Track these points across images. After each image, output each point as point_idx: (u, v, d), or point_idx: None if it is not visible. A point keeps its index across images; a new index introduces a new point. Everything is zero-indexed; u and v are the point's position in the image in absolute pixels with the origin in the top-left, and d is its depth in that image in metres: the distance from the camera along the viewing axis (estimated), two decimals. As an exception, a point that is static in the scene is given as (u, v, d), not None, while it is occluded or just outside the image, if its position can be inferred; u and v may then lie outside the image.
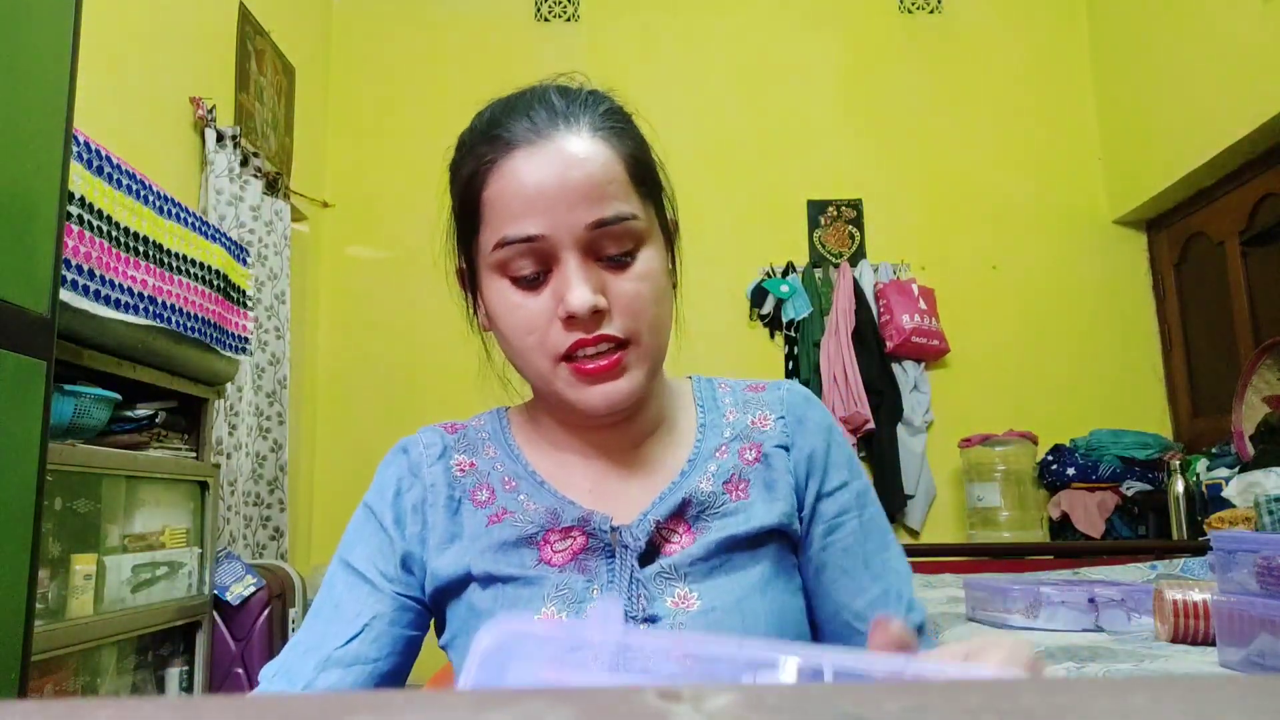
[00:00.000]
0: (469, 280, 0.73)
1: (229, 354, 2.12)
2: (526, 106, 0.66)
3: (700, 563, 0.66)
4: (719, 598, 0.65)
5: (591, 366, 0.64)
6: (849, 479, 0.72)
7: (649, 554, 0.67)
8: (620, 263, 0.65)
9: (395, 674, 0.69)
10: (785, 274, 3.38)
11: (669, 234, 0.72)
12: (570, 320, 0.63)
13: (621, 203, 0.65)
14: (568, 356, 0.65)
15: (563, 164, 0.63)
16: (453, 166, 0.71)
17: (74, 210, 1.54)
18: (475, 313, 0.74)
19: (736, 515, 0.68)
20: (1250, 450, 2.32)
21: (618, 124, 0.68)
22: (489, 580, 0.67)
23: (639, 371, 0.67)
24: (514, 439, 0.76)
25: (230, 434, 2.54)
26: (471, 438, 0.76)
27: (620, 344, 0.65)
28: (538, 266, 0.64)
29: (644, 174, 0.69)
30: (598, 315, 0.64)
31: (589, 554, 0.67)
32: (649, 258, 0.67)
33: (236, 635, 2.15)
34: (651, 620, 0.64)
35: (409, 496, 0.72)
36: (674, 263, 0.73)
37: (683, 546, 0.67)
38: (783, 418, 0.74)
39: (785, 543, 0.69)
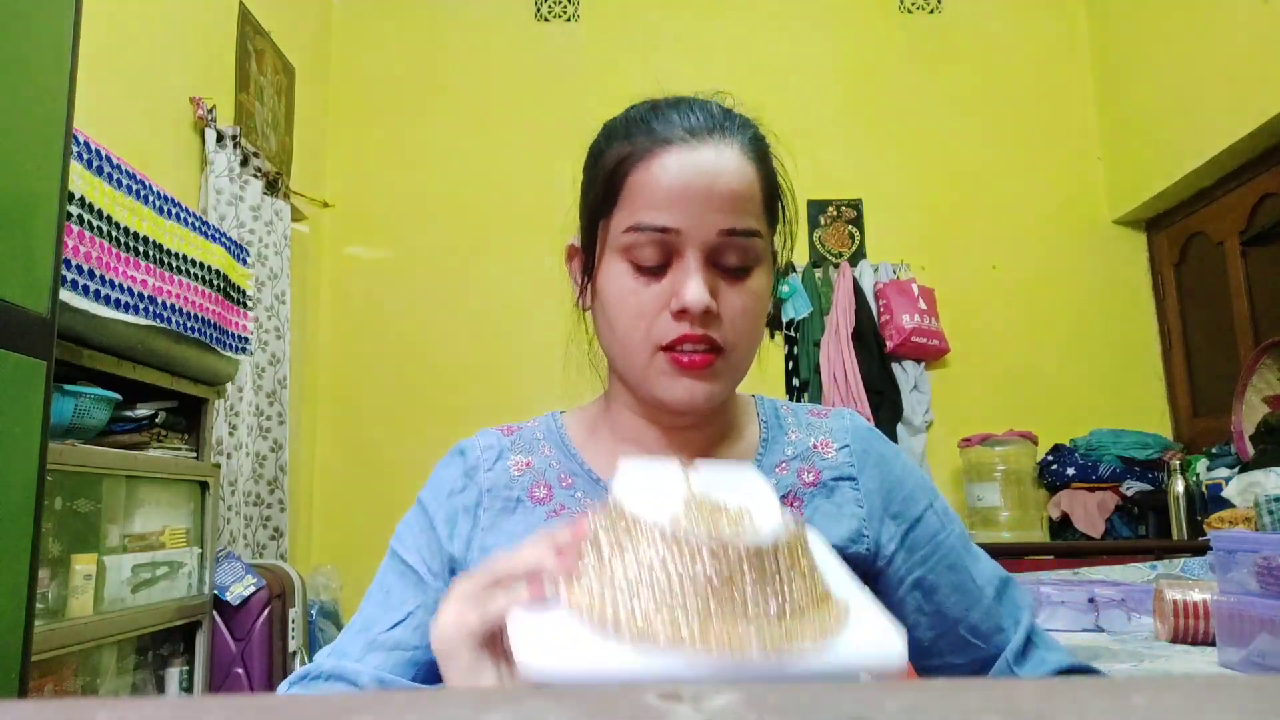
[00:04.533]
0: (584, 258, 0.75)
1: (229, 354, 2.12)
2: (687, 108, 0.71)
3: None
4: None
5: (687, 360, 0.67)
6: (931, 499, 0.75)
7: None
8: (736, 275, 0.68)
9: (435, 664, 0.70)
10: (785, 274, 3.38)
11: (776, 258, 0.76)
12: (681, 314, 0.66)
13: (753, 220, 0.69)
14: (669, 347, 0.67)
15: (712, 169, 0.67)
16: (595, 148, 0.74)
17: (74, 210, 1.54)
18: (581, 292, 0.76)
19: None
20: (1250, 450, 2.32)
21: (763, 150, 0.73)
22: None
23: (724, 381, 0.70)
24: (570, 440, 0.77)
25: (230, 434, 2.54)
26: (527, 438, 0.78)
27: (717, 349, 0.68)
28: (661, 258, 0.68)
29: (773, 204, 0.73)
30: (707, 316, 0.66)
31: None
32: (761, 278, 0.70)
33: (236, 635, 2.15)
34: None
35: (462, 498, 0.74)
36: (774, 283, 0.76)
37: None
38: (846, 447, 0.76)
39: None
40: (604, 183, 0.71)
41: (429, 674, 0.70)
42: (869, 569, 0.72)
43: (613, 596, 0.47)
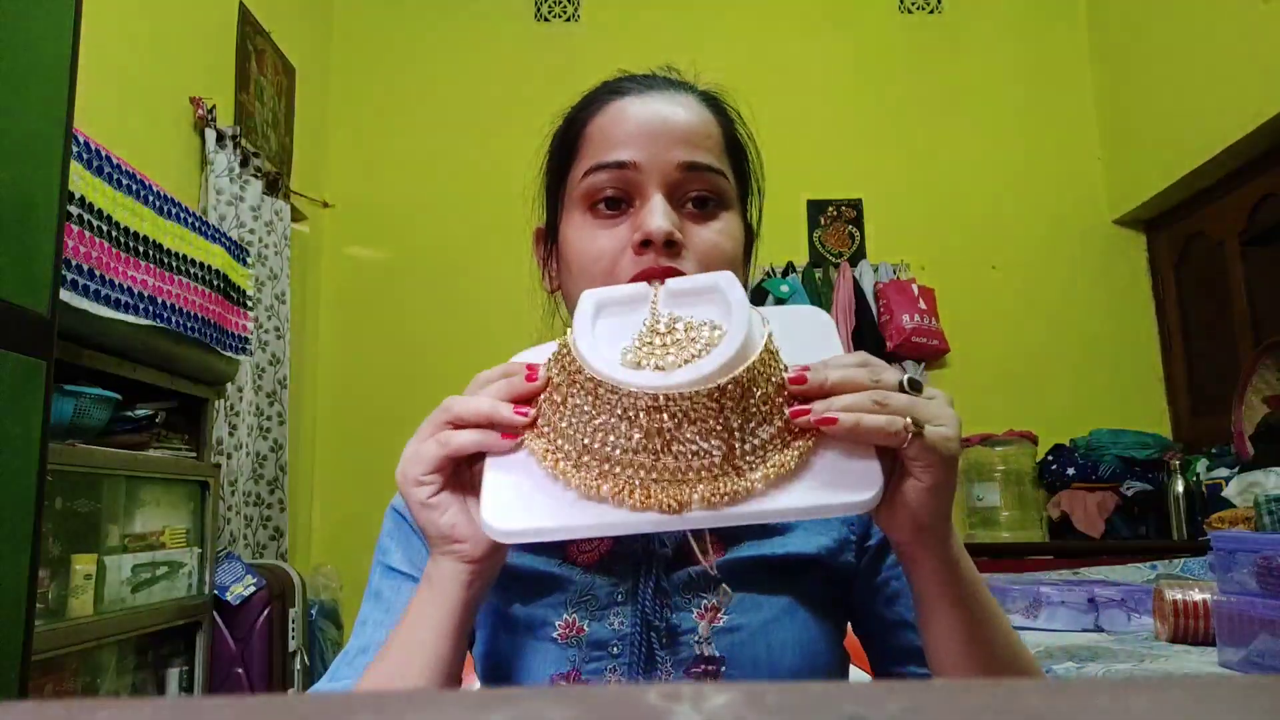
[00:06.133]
0: (547, 232, 0.74)
1: (229, 354, 2.12)
2: (641, 75, 0.72)
3: (729, 578, 0.64)
4: (745, 617, 0.63)
5: None
6: None
7: (677, 563, 0.65)
8: (702, 213, 0.66)
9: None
10: (785, 274, 3.38)
11: (749, 236, 0.73)
12: (643, 248, 0.63)
13: (715, 159, 0.67)
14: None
15: (668, 109, 0.66)
16: (555, 131, 0.74)
17: (74, 210, 1.54)
18: (546, 271, 0.75)
19: (772, 539, 0.67)
20: (1250, 450, 2.32)
21: (720, 105, 0.72)
22: (513, 575, 0.66)
23: None
24: None
25: (230, 434, 2.54)
26: None
27: None
28: (621, 198, 0.65)
29: (737, 157, 0.71)
30: (671, 250, 0.62)
31: (615, 557, 0.66)
32: (730, 221, 0.67)
33: (236, 635, 2.15)
34: (674, 630, 0.63)
35: None
36: (750, 252, 0.73)
37: (713, 559, 0.65)
38: None
39: (820, 574, 0.67)
40: (562, 140, 0.71)
41: None
42: (851, 575, 0.69)
43: (564, 450, 0.49)
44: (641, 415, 0.47)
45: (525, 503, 0.50)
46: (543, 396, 0.53)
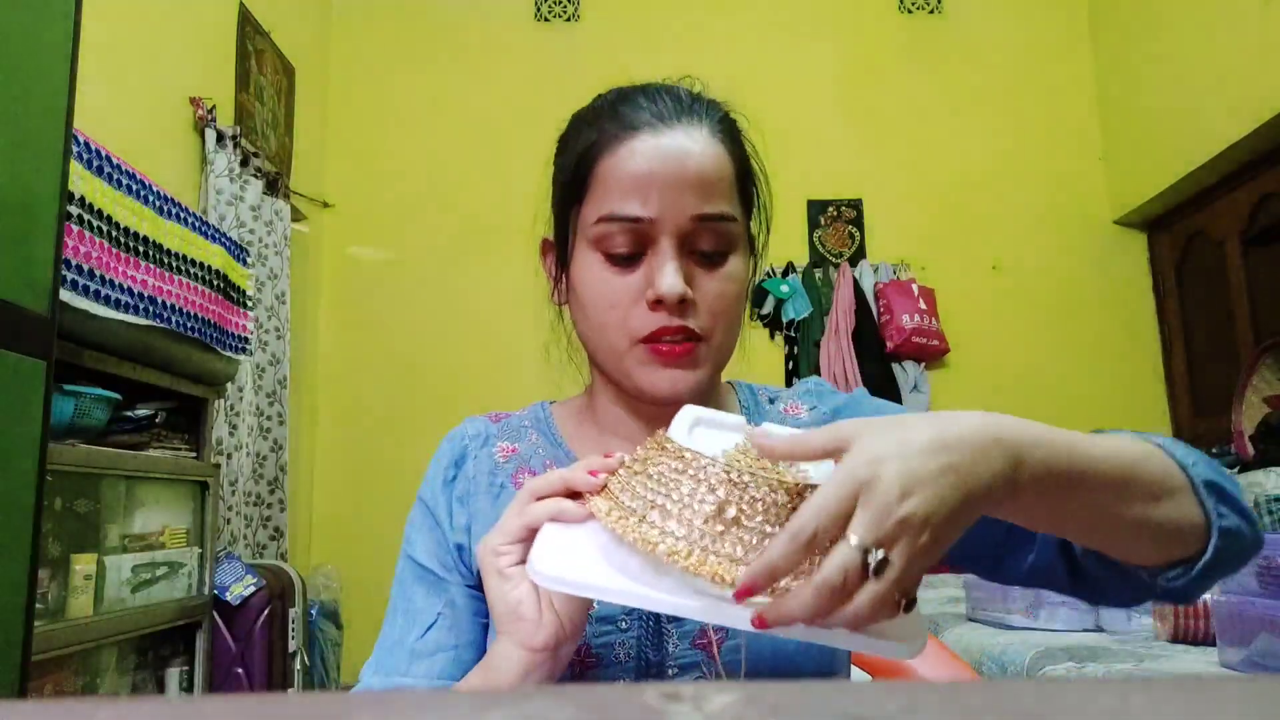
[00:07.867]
0: (557, 251, 0.75)
1: (229, 354, 2.12)
2: (654, 94, 0.70)
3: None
4: None
5: (666, 349, 0.66)
6: None
7: None
8: (711, 261, 0.68)
9: (481, 654, 0.69)
10: (785, 274, 3.38)
11: (754, 244, 0.76)
12: (657, 305, 0.65)
13: (726, 203, 0.68)
14: (647, 339, 0.66)
15: (680, 153, 0.66)
16: (565, 138, 0.74)
17: (74, 210, 1.54)
18: (555, 286, 0.75)
19: None
20: (1250, 450, 2.32)
21: (734, 131, 0.72)
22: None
23: (706, 368, 0.69)
24: (557, 429, 0.77)
25: (230, 434, 2.54)
26: (514, 425, 0.78)
27: (696, 337, 0.67)
28: (634, 248, 0.67)
29: (746, 184, 0.73)
30: (683, 305, 0.65)
31: None
32: (737, 263, 0.69)
33: (236, 635, 2.15)
34: None
35: (455, 488, 0.74)
36: (753, 270, 0.76)
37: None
38: (815, 407, 0.77)
39: None
40: (573, 172, 0.70)
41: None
42: None
43: (630, 508, 0.49)
44: (721, 487, 0.47)
45: (572, 554, 0.49)
46: (618, 472, 0.54)
